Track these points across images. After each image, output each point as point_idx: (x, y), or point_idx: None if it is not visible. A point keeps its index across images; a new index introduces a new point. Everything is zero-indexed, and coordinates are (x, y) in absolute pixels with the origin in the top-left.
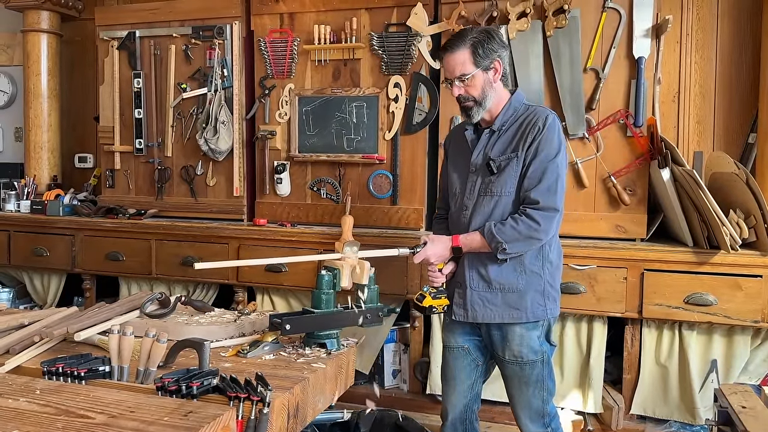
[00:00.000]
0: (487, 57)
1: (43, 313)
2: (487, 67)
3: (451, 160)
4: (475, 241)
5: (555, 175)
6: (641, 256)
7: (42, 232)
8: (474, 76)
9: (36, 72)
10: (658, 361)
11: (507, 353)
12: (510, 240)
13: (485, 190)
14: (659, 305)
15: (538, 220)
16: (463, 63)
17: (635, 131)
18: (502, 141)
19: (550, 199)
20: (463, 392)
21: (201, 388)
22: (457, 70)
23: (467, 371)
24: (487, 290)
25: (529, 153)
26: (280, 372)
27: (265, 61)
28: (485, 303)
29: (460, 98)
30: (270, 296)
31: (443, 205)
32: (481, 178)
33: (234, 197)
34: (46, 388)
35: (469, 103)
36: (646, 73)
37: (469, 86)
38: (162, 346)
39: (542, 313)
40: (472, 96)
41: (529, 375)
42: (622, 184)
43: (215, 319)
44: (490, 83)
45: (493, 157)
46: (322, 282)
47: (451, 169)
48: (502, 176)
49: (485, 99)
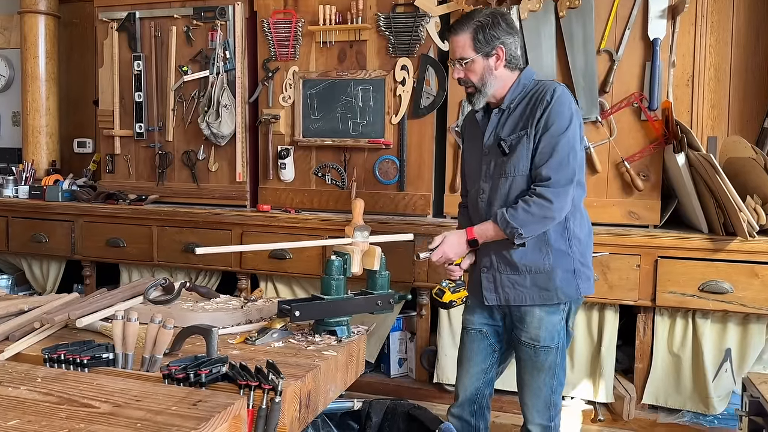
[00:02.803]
0: (488, 44)
1: (43, 299)
2: (487, 53)
3: (467, 145)
4: (489, 230)
5: (567, 149)
6: (655, 242)
7: (41, 218)
8: (473, 61)
9: (33, 55)
10: (671, 349)
11: (524, 335)
12: (524, 223)
13: (500, 171)
14: (673, 293)
15: (549, 198)
16: (464, 46)
17: (650, 115)
18: (511, 120)
19: (562, 174)
20: (476, 375)
21: (210, 376)
22: (458, 52)
23: (482, 355)
24: (514, 273)
25: (538, 128)
26: (291, 360)
27: (268, 43)
28: (515, 285)
29: (461, 82)
30: (274, 283)
31: (465, 192)
32: (494, 160)
33: (237, 183)
34: (47, 375)
35: (470, 89)
36: (662, 55)
37: (469, 71)
38: (168, 332)
39: (575, 292)
40: (471, 81)
41: (543, 361)
42: (635, 169)
43: (221, 305)
44: (490, 70)
45: (503, 137)
46: (332, 267)
47: (467, 154)
48: (515, 156)
49: (485, 86)
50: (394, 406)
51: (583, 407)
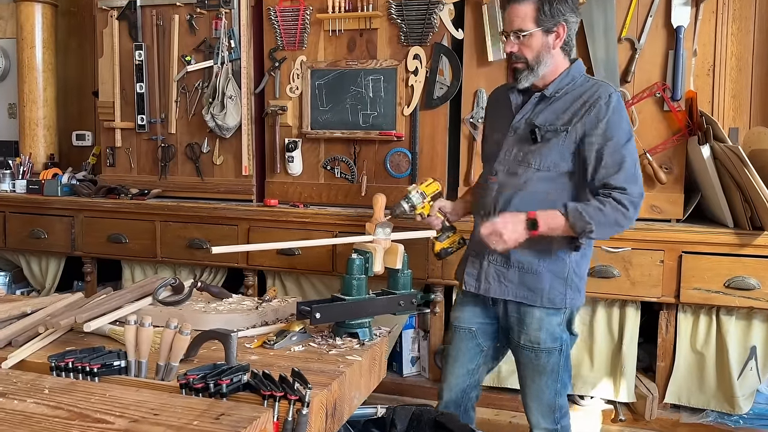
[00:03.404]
0: (552, 18)
1: (47, 300)
2: (549, 28)
3: (490, 123)
4: (555, 220)
5: (633, 163)
6: (680, 237)
7: (39, 213)
8: (532, 35)
9: (30, 44)
10: (694, 347)
11: (523, 338)
12: (598, 223)
13: (522, 159)
14: (698, 289)
15: (626, 206)
16: (524, 17)
17: (673, 105)
18: (552, 109)
19: (636, 187)
20: (462, 376)
21: (231, 386)
22: (515, 23)
23: (469, 355)
24: (504, 265)
25: (591, 135)
26: (314, 366)
27: (275, 32)
28: (501, 278)
29: (512, 56)
30: (282, 280)
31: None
32: (518, 145)
33: (242, 176)
34: (55, 386)
35: (520, 64)
36: (685, 43)
37: (524, 45)
38: (185, 338)
39: (561, 301)
40: (524, 56)
41: (545, 364)
42: (658, 161)
43: (234, 306)
44: (548, 48)
45: (538, 124)
46: (353, 266)
47: (489, 132)
48: (545, 148)
49: (539, 65)
50: (420, 413)
51: (603, 407)
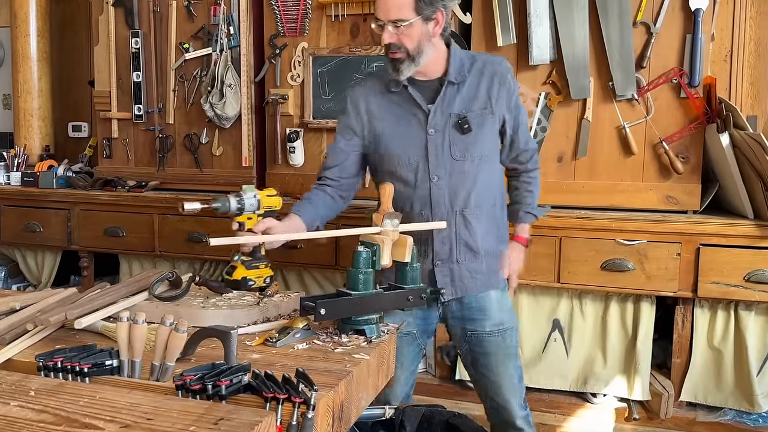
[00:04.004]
0: (431, 5)
1: (37, 296)
2: (428, 16)
3: (381, 122)
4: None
5: (526, 119)
6: (697, 229)
7: (34, 206)
8: (412, 24)
9: (24, 33)
10: (711, 343)
11: (488, 324)
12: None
13: (463, 153)
14: (716, 283)
15: (538, 168)
16: (402, 6)
17: (690, 92)
18: (464, 95)
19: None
20: (406, 380)
21: (230, 387)
22: (393, 13)
23: (411, 358)
24: (473, 260)
25: (509, 107)
26: (319, 365)
27: (275, 18)
28: (473, 275)
29: (391, 46)
30: (283, 274)
31: (334, 175)
32: (449, 140)
33: (242, 168)
34: (42, 388)
35: (400, 54)
36: (703, 27)
37: (404, 35)
38: (182, 336)
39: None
40: (404, 46)
41: (510, 345)
42: (674, 150)
43: (235, 301)
44: (428, 36)
45: (462, 113)
46: (359, 260)
47: (386, 134)
48: (480, 135)
49: (419, 54)
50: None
51: (616, 405)
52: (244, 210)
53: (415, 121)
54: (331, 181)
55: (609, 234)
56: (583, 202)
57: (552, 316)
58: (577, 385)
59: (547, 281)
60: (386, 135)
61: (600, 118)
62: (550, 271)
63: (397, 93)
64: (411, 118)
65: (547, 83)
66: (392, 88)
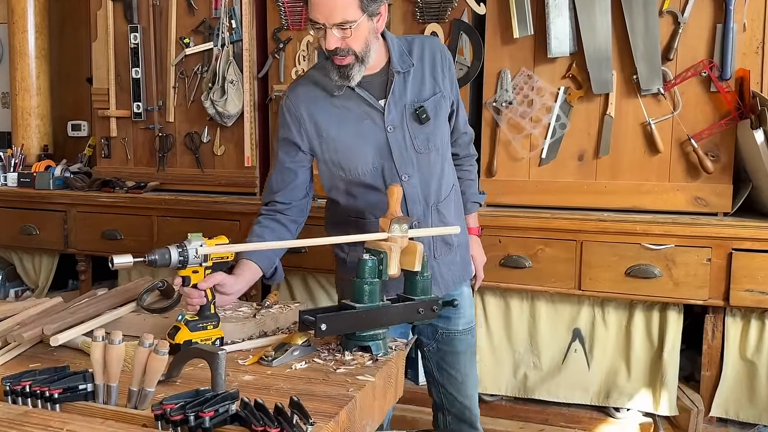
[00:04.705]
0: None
1: (19, 306)
2: (374, 12)
3: (332, 131)
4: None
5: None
6: (729, 233)
7: (31, 208)
8: (359, 24)
9: (22, 29)
10: (744, 355)
11: (462, 322)
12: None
13: (425, 144)
14: (750, 291)
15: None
16: (345, 6)
17: (721, 85)
18: (412, 83)
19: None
20: None
21: (215, 418)
22: (336, 15)
23: None
24: (449, 253)
25: (452, 89)
26: (318, 389)
27: (279, 10)
28: (450, 267)
29: (338, 52)
30: (286, 279)
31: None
32: (410, 134)
33: (245, 168)
34: (5, 417)
35: (348, 60)
36: (735, 15)
37: (351, 38)
38: (162, 359)
39: None
40: (352, 50)
41: (474, 342)
42: (703, 148)
43: (229, 313)
44: (374, 33)
45: (418, 103)
46: (365, 269)
47: (341, 142)
48: (438, 122)
49: (368, 54)
50: None
51: (641, 420)
52: (188, 262)
53: (370, 122)
54: (281, 205)
55: (633, 238)
56: (606, 203)
57: (572, 326)
58: (599, 399)
59: (566, 288)
60: (342, 143)
61: (623, 113)
62: (570, 277)
63: (342, 96)
64: (365, 119)
65: (567, 77)
66: (335, 92)
